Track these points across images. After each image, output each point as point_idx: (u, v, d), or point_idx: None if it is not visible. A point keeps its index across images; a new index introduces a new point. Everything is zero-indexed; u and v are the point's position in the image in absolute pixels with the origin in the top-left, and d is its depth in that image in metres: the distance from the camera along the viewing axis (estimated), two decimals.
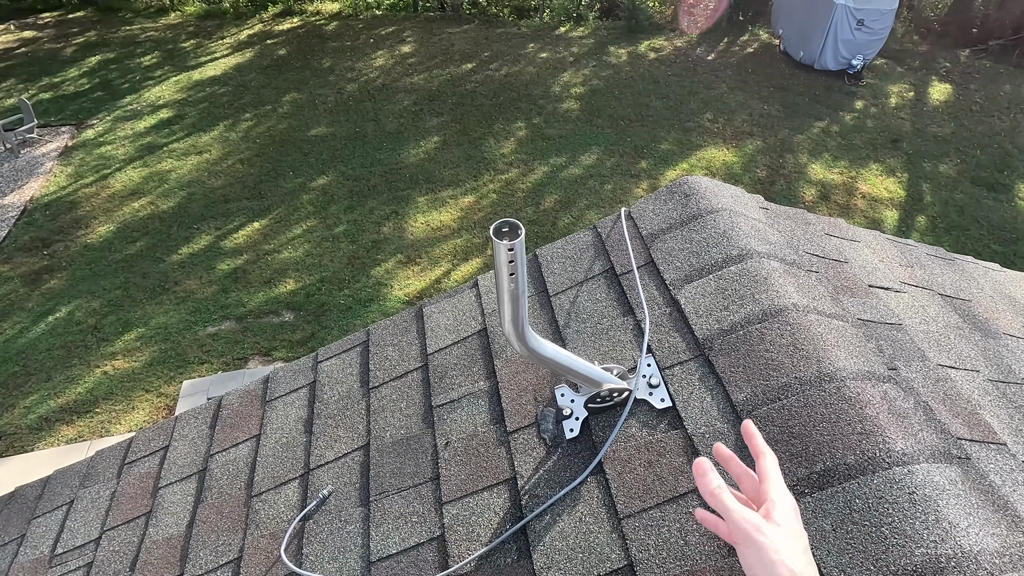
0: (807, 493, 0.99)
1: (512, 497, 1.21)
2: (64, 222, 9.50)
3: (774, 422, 1.08)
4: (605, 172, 10.37)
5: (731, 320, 1.25)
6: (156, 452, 1.79)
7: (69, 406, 6.86)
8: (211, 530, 1.49)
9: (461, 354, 1.53)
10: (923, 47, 14.77)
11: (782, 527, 0.76)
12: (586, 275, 1.53)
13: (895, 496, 0.92)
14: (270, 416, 1.68)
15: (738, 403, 1.14)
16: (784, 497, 0.81)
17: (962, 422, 1.20)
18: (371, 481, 1.38)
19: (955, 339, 1.52)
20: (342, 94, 12.51)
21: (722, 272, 1.34)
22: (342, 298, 8.07)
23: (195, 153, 10.95)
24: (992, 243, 9.56)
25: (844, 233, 1.76)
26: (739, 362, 1.18)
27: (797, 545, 0.75)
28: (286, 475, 1.51)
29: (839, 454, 1.00)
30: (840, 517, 0.94)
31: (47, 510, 1.84)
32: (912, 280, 1.72)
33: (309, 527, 1.37)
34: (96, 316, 7.91)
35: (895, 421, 1.04)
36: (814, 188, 10.34)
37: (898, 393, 1.12)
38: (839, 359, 1.13)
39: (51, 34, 15.65)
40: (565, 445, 1.24)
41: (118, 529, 1.64)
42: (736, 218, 1.45)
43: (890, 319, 1.43)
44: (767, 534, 0.74)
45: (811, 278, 1.39)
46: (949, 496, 0.93)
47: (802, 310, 1.23)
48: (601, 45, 14.37)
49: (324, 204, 9.69)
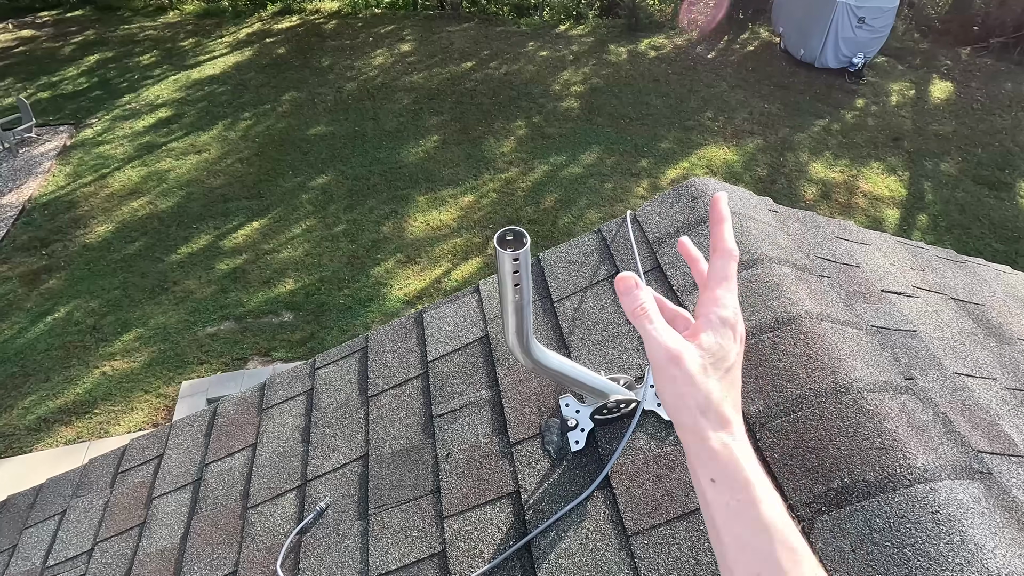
0: (824, 511, 0.94)
1: (516, 512, 1.17)
2: (62, 222, 9.46)
3: (788, 435, 1.04)
4: (605, 171, 10.32)
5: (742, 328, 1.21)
6: (150, 461, 1.75)
7: (68, 407, 6.82)
8: (206, 543, 1.45)
9: (462, 362, 1.48)
10: (924, 45, 14.71)
11: (706, 352, 0.63)
12: (591, 280, 1.49)
13: (918, 515, 0.88)
14: (266, 424, 1.64)
15: (751, 415, 1.10)
16: (724, 309, 0.67)
17: (982, 434, 1.16)
18: (370, 493, 1.34)
19: (970, 345, 1.47)
20: (341, 93, 12.46)
21: None
22: (342, 298, 8.02)
23: (194, 152, 10.90)
24: (994, 241, 9.52)
25: (854, 236, 1.71)
26: (751, 372, 1.14)
27: (718, 373, 0.63)
28: (283, 486, 1.47)
29: (858, 470, 0.96)
30: (860, 537, 0.90)
31: (39, 520, 1.80)
32: (924, 284, 1.67)
33: (306, 541, 1.33)
34: (95, 316, 7.87)
35: (915, 435, 1.00)
36: (815, 187, 10.30)
37: (917, 405, 1.08)
38: (855, 369, 1.09)
39: (49, 33, 15.60)
40: (570, 458, 1.20)
41: (111, 540, 1.60)
42: (746, 222, 1.41)
43: (904, 326, 1.39)
44: (684, 364, 0.62)
45: (823, 284, 1.34)
46: (974, 515, 0.89)
47: (816, 318, 1.19)
48: (601, 43, 14.31)
49: (323, 203, 9.64)
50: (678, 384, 0.62)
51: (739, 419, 0.62)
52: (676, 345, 0.63)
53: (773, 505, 0.58)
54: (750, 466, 0.59)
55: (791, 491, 0.99)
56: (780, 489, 1.00)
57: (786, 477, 1.00)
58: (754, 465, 0.60)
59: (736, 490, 0.59)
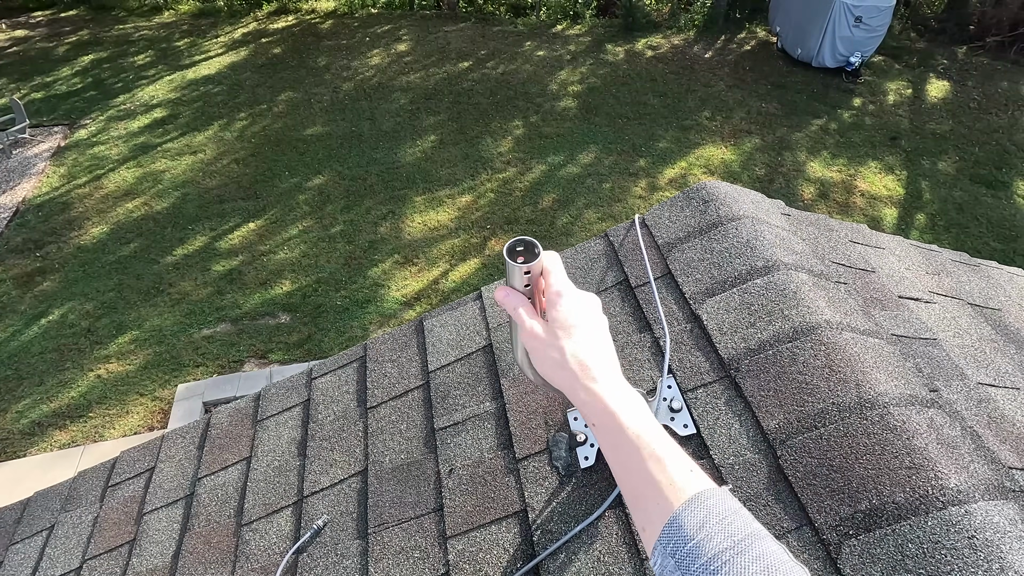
0: (852, 535, 0.89)
1: (523, 532, 1.12)
2: (57, 223, 9.37)
3: (811, 453, 0.99)
4: (603, 171, 10.27)
5: (759, 338, 1.16)
6: (141, 474, 1.69)
7: (62, 410, 6.75)
8: (198, 562, 1.40)
9: (465, 372, 1.43)
10: (920, 44, 14.71)
11: (551, 321, 0.76)
12: (598, 287, 1.44)
13: (953, 541, 0.83)
14: (261, 437, 1.58)
15: (770, 431, 1.04)
16: (561, 294, 0.79)
17: (1010, 448, 1.10)
18: (369, 511, 1.28)
19: (991, 353, 1.42)
20: (338, 93, 12.39)
21: (747, 285, 1.24)
22: (339, 299, 7.96)
23: (189, 153, 10.82)
24: (991, 240, 9.50)
25: (868, 240, 1.66)
26: (769, 385, 1.09)
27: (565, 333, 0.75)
28: (278, 502, 1.41)
29: (886, 491, 0.90)
30: (892, 564, 0.85)
31: (26, 535, 1.74)
32: (940, 289, 1.63)
33: (303, 561, 1.28)
34: (89, 319, 7.78)
35: (945, 452, 0.94)
36: (813, 186, 10.27)
37: (944, 419, 1.03)
38: (880, 382, 1.04)
39: (43, 33, 15.48)
40: (580, 474, 1.14)
41: (100, 558, 1.54)
42: (759, 226, 1.36)
43: (924, 333, 1.34)
44: (536, 333, 0.76)
45: (840, 290, 1.29)
46: (1011, 539, 0.84)
47: (836, 327, 1.13)
48: (598, 43, 14.27)
49: (320, 204, 9.57)
50: (539, 351, 0.76)
51: (601, 364, 0.72)
52: (530, 322, 0.77)
53: (638, 424, 0.66)
54: (613, 400, 0.69)
55: (815, 512, 0.93)
56: (803, 509, 0.95)
57: (810, 498, 0.95)
58: (624, 404, 0.68)
59: (606, 424, 0.68)
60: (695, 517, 0.58)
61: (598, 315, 0.80)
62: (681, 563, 0.56)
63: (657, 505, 0.61)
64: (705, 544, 0.56)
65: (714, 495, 0.61)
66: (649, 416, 0.68)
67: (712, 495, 0.61)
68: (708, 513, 0.58)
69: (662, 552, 0.59)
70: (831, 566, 0.89)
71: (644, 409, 0.69)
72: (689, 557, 0.56)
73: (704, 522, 0.57)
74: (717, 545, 0.55)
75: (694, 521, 0.58)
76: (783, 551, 0.57)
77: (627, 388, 0.72)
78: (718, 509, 0.58)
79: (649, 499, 0.62)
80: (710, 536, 0.56)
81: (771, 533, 0.94)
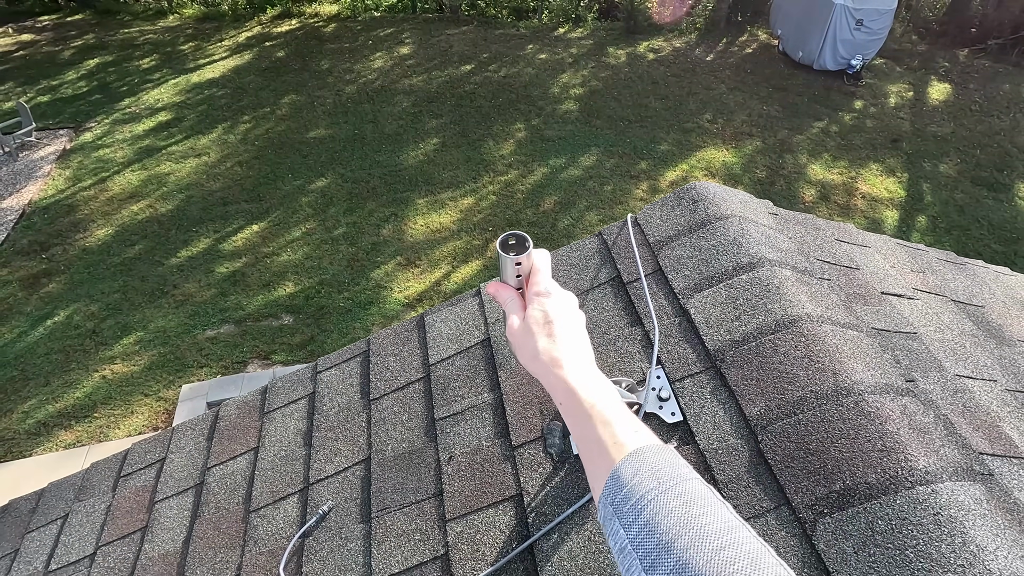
0: (826, 513, 0.95)
1: (518, 515, 1.18)
2: (62, 226, 9.46)
3: (790, 437, 1.04)
4: (604, 173, 10.34)
5: (743, 331, 1.21)
6: (152, 465, 1.75)
7: (67, 411, 6.82)
8: (208, 546, 1.46)
9: (464, 365, 1.49)
10: (922, 47, 14.75)
11: (529, 318, 0.84)
12: (592, 283, 1.49)
13: (919, 517, 0.89)
14: (268, 428, 1.64)
15: (752, 417, 1.10)
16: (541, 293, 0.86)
17: (983, 436, 1.16)
18: (372, 497, 1.34)
19: (971, 347, 1.48)
20: (341, 96, 12.47)
21: (733, 281, 1.30)
22: (342, 301, 8.03)
23: (194, 156, 10.91)
24: (993, 243, 9.53)
25: (854, 238, 1.72)
26: (752, 374, 1.15)
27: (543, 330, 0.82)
28: (285, 490, 1.47)
29: (859, 472, 0.96)
30: (862, 539, 0.90)
31: (41, 524, 1.80)
32: (924, 286, 1.68)
33: (309, 544, 1.34)
34: (94, 320, 7.86)
35: (916, 437, 1.00)
36: (814, 188, 10.32)
37: (917, 407, 1.09)
38: (856, 371, 1.10)
39: (49, 37, 15.61)
40: (573, 460, 1.20)
41: (113, 545, 1.60)
42: (746, 224, 1.41)
43: (904, 328, 1.39)
44: (515, 329, 0.85)
45: (823, 286, 1.35)
46: (975, 516, 0.90)
47: (816, 320, 1.19)
48: (600, 46, 14.34)
49: (323, 206, 9.65)
50: (517, 343, 0.84)
51: (574, 358, 0.79)
52: (512, 317, 0.86)
53: (594, 397, 0.73)
54: (576, 381, 0.76)
55: (793, 493, 0.99)
56: (781, 490, 1.01)
57: (788, 479, 1.01)
58: (585, 384, 0.75)
59: (568, 401, 0.75)
60: (631, 468, 0.64)
61: (574, 312, 0.87)
62: (618, 509, 0.62)
63: (603, 462, 0.67)
64: (636, 488, 0.62)
65: (651, 449, 0.66)
66: (607, 392, 0.75)
67: (650, 450, 0.66)
68: (642, 463, 0.64)
69: (603, 502, 0.65)
70: (807, 542, 0.95)
71: (604, 387, 0.76)
72: (622, 502, 0.62)
73: (637, 471, 0.63)
74: (644, 487, 0.61)
75: (629, 471, 0.64)
76: (709, 490, 0.62)
77: (593, 373, 0.78)
78: (652, 460, 0.64)
79: (597, 458, 0.68)
80: (641, 482, 0.62)
81: (751, 513, 1.00)
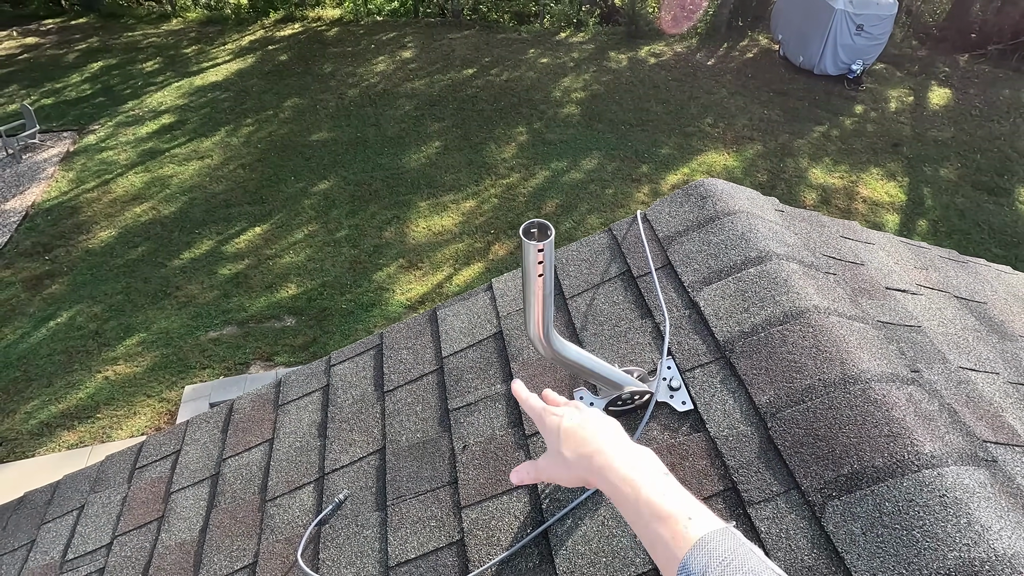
0: (835, 496, 0.98)
1: (532, 501, 1.20)
2: (66, 227, 9.49)
3: (799, 424, 1.07)
4: (606, 176, 10.38)
5: (752, 322, 1.24)
6: (167, 457, 1.78)
7: (70, 411, 6.84)
8: (225, 535, 1.48)
9: (477, 357, 1.52)
10: (922, 52, 14.82)
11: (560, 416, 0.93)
12: (603, 277, 1.52)
13: (926, 499, 0.91)
14: (283, 420, 1.67)
15: (761, 405, 1.13)
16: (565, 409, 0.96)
17: (986, 424, 1.19)
18: (388, 485, 1.37)
19: (973, 341, 1.51)
20: (343, 99, 12.53)
21: (741, 274, 1.33)
22: (344, 303, 8.06)
23: (196, 158, 10.95)
24: (993, 247, 9.57)
25: (858, 236, 1.75)
26: (761, 364, 1.18)
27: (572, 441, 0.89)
28: (300, 479, 1.50)
29: (867, 457, 0.99)
30: (870, 521, 0.93)
31: (57, 515, 1.83)
32: (927, 282, 1.71)
33: (325, 532, 1.36)
34: (97, 321, 7.89)
35: (922, 423, 1.03)
36: (815, 192, 10.36)
37: (923, 395, 1.11)
38: (863, 361, 1.12)
39: (53, 40, 15.69)
40: None
41: (130, 534, 1.63)
42: (753, 220, 1.44)
43: (909, 321, 1.42)
44: (546, 419, 0.94)
45: (829, 280, 1.38)
46: (980, 499, 0.92)
47: (823, 312, 1.22)
48: (601, 50, 14.41)
49: (326, 209, 9.69)
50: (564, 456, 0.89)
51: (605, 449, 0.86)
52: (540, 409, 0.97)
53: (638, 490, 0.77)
54: (619, 477, 0.80)
55: (802, 477, 1.02)
56: (791, 474, 1.03)
57: (797, 464, 1.03)
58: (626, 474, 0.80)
59: (617, 495, 0.80)
60: (699, 562, 0.68)
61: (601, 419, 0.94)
62: None
63: (668, 557, 0.71)
64: None
65: (715, 537, 0.70)
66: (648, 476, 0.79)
67: (713, 538, 0.70)
68: (710, 557, 0.68)
69: None
70: (816, 525, 0.97)
71: (644, 472, 0.80)
72: None
73: (707, 567, 0.67)
74: None
75: (699, 565, 0.67)
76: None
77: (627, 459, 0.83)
78: (719, 551, 0.68)
79: (660, 552, 0.73)
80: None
81: (761, 497, 1.02)
